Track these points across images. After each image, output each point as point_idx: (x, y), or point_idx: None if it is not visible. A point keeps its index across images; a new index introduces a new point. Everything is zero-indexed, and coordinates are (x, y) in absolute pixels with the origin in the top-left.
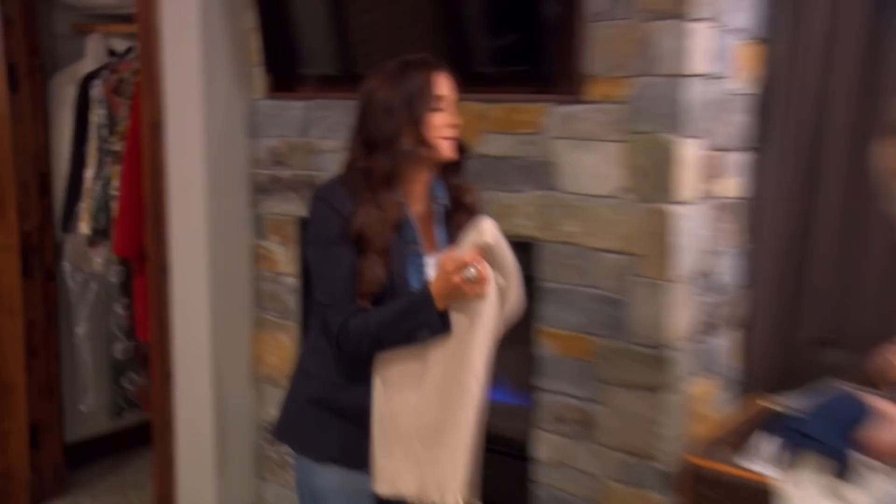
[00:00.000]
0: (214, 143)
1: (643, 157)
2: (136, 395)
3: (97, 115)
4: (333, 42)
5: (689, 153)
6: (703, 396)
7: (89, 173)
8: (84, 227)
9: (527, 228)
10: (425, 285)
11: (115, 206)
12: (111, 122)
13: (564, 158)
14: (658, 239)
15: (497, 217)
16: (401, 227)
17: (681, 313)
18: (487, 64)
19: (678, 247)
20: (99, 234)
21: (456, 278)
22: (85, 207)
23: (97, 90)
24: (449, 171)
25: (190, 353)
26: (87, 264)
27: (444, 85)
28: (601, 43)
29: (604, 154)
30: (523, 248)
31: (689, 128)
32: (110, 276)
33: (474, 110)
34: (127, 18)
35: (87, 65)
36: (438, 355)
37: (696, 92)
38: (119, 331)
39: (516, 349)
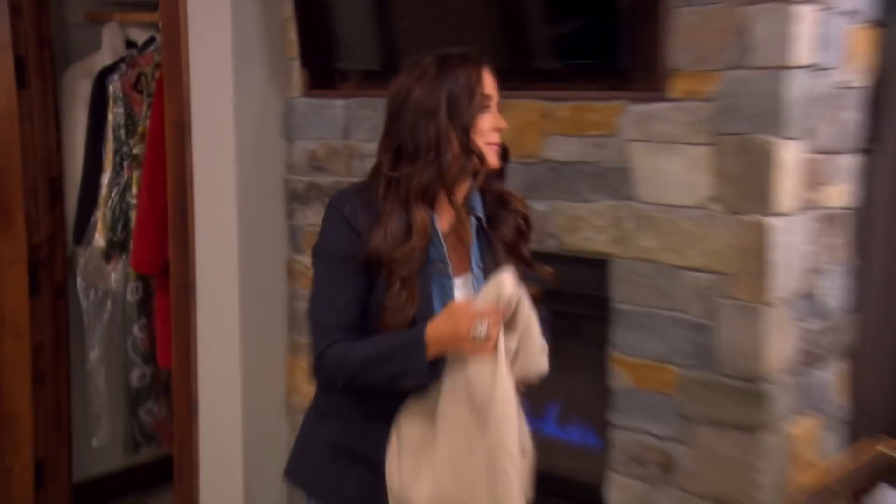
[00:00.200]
0: (246, 146)
1: (734, 162)
2: (154, 427)
3: (114, 114)
4: (378, 33)
5: (790, 157)
6: (806, 438)
7: (106, 179)
8: (99, 240)
9: (598, 243)
10: (422, 327)
11: (134, 216)
12: (130, 122)
13: (641, 164)
14: (751, 255)
15: (563, 231)
16: (427, 244)
17: (778, 341)
18: (551, 57)
19: (775, 264)
20: (116, 247)
21: (464, 329)
22: (100, 217)
23: (115, 86)
24: (490, 177)
25: (217, 380)
26: (103, 281)
27: (489, 83)
28: (686, 31)
29: (688, 159)
30: (594, 266)
31: (790, 128)
32: (128, 294)
33: (536, 109)
34: (148, 6)
35: (104, 58)
36: (452, 425)
37: (798, 86)
38: (137, 355)
39: (586, 379)
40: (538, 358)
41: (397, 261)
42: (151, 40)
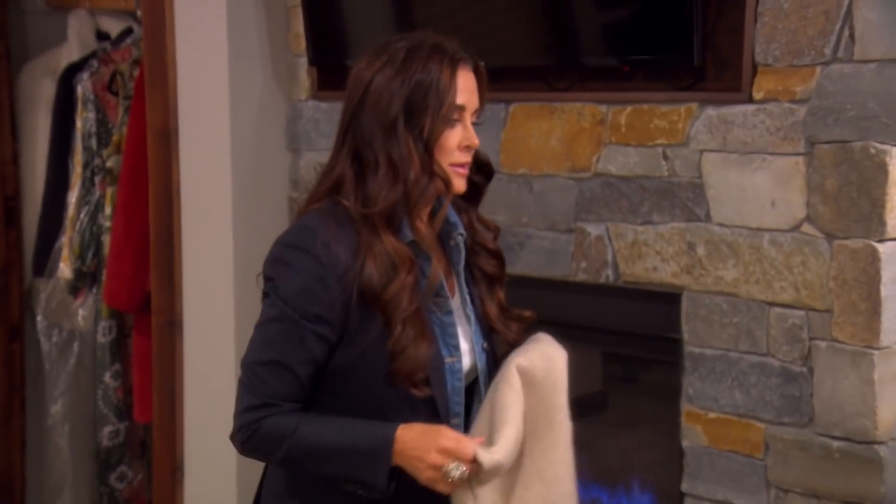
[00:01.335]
0: (243, 158)
1: (833, 176)
2: (128, 496)
3: (84, 120)
4: (400, 22)
5: None
6: None
7: (73, 197)
8: (65, 269)
9: (665, 274)
10: (392, 430)
11: (107, 241)
12: (103, 130)
13: (718, 178)
14: (857, 289)
15: (622, 260)
16: (422, 267)
17: (891, 393)
18: (607, 52)
19: (886, 299)
20: (85, 279)
21: (436, 461)
22: (66, 242)
23: (84, 86)
24: (461, 199)
25: (206, 439)
26: (68, 319)
27: (465, 88)
28: (773, 17)
29: (775, 172)
30: (661, 301)
31: None
32: (99, 335)
33: (590, 114)
34: None
35: (70, 52)
36: None
37: None
38: (109, 409)
39: (652, 438)
40: None
41: (392, 300)
42: (128, 31)
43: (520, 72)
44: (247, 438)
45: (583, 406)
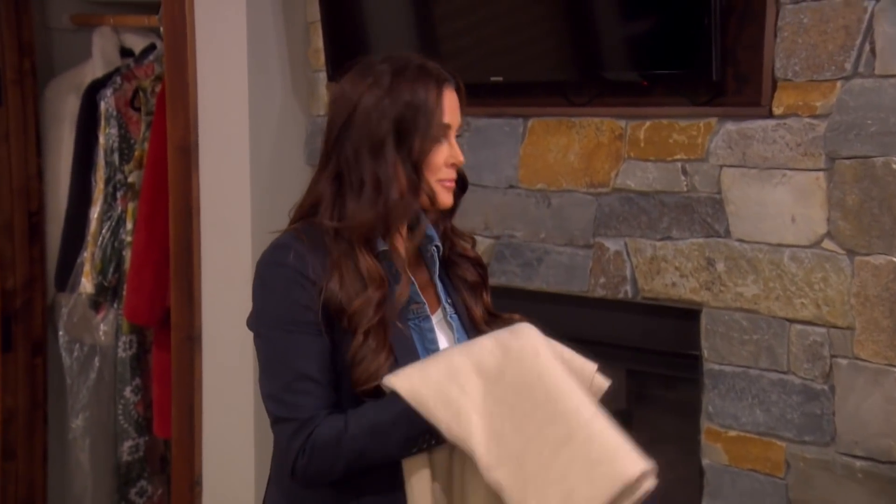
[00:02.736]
0: (263, 174)
1: (855, 192)
2: None
3: (107, 136)
4: (421, 38)
5: None
6: None
7: (95, 212)
8: (87, 284)
9: (684, 290)
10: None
11: (128, 256)
12: (125, 145)
13: (738, 194)
14: (879, 306)
15: (641, 276)
16: (392, 283)
17: None
18: (626, 67)
19: None
20: (106, 294)
21: None
22: (88, 258)
23: (107, 102)
24: (440, 213)
25: (225, 455)
26: (90, 334)
27: (451, 107)
28: (794, 31)
29: (795, 187)
30: (680, 318)
31: None
32: (120, 350)
33: (608, 129)
34: (147, 7)
35: (94, 69)
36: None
37: None
38: (129, 423)
39: (671, 457)
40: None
41: (357, 312)
42: (151, 48)
43: (538, 87)
44: (307, 462)
45: None
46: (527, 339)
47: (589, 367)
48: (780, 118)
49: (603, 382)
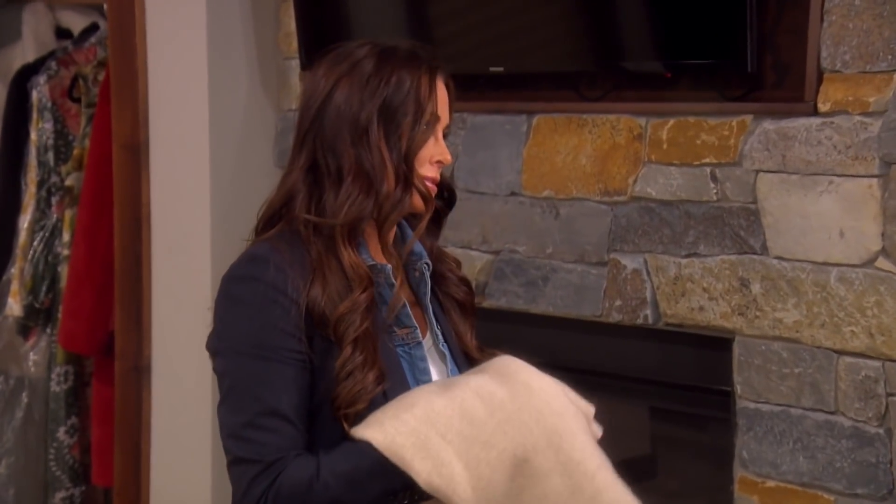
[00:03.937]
0: (225, 178)
1: None
2: None
3: (39, 132)
4: (410, 21)
5: None
6: None
7: (26, 221)
8: (14, 306)
9: (714, 315)
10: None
11: (65, 273)
12: (62, 143)
13: (776, 203)
14: None
15: (663, 298)
16: (377, 302)
17: None
18: (646, 55)
19: None
20: (37, 317)
21: None
22: (16, 274)
23: (40, 92)
24: (421, 223)
25: None
26: (16, 364)
27: (442, 98)
28: (842, 17)
29: (843, 197)
30: (708, 347)
31: None
32: (53, 384)
33: (626, 128)
34: None
35: (24, 51)
36: None
37: None
38: (62, 470)
39: None
40: None
41: (342, 319)
42: (93, 28)
43: (544, 78)
44: None
45: None
46: (517, 374)
47: (589, 409)
48: (827, 116)
49: (596, 430)
